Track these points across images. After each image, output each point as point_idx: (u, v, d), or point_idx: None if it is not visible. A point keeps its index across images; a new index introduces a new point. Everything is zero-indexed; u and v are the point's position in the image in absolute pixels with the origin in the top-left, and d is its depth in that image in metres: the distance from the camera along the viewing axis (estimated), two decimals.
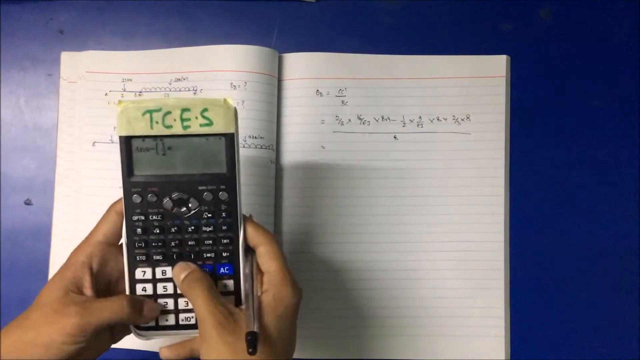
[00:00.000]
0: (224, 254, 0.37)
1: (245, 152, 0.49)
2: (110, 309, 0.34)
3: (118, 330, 0.38)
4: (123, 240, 0.36)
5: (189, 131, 0.34)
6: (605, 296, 0.51)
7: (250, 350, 0.31)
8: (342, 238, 0.50)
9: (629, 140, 0.52)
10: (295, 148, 0.51)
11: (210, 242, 0.36)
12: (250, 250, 0.38)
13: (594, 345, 0.50)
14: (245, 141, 0.49)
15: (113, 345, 0.49)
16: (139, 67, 0.51)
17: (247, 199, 0.49)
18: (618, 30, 0.52)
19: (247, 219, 0.37)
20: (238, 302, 0.37)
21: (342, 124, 0.51)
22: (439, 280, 0.50)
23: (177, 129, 0.34)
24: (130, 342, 0.49)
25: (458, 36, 0.52)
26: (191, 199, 0.36)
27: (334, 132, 0.51)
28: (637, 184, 0.51)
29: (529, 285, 0.51)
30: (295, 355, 0.49)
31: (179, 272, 0.36)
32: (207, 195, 0.36)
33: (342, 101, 0.51)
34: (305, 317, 0.50)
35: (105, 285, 0.37)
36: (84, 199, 0.50)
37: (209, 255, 0.37)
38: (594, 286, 0.51)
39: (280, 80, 0.51)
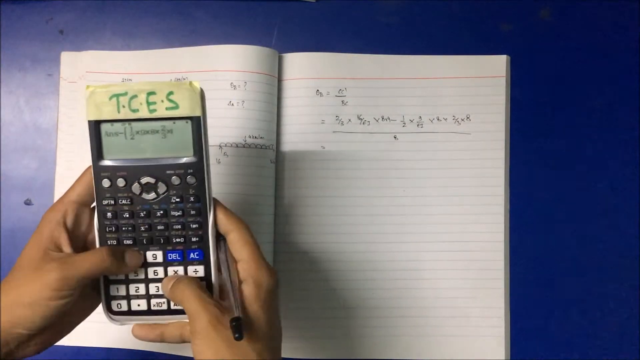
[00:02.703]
0: (194, 239, 0.37)
1: (245, 152, 0.49)
2: (91, 261, 0.34)
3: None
4: (95, 225, 0.36)
5: (155, 115, 0.34)
6: (605, 296, 0.50)
7: (236, 335, 0.31)
8: (341, 238, 0.50)
9: (629, 140, 0.51)
10: (295, 148, 0.51)
11: (180, 226, 0.36)
12: (222, 237, 0.37)
13: (594, 345, 0.50)
14: (245, 141, 0.49)
15: (111, 346, 0.49)
16: (139, 67, 0.51)
17: (247, 199, 0.49)
18: (618, 30, 0.52)
19: (218, 205, 0.37)
20: (209, 288, 0.37)
21: (342, 124, 0.51)
22: (439, 280, 0.50)
23: (144, 113, 0.34)
24: (127, 342, 0.49)
25: (458, 36, 0.52)
26: (159, 183, 0.36)
27: (334, 132, 0.51)
28: (638, 184, 0.51)
29: (529, 285, 0.51)
30: (290, 355, 0.49)
31: (167, 282, 0.36)
32: (174, 180, 0.36)
33: (342, 101, 0.51)
34: (305, 316, 0.50)
35: (82, 248, 0.37)
36: None
37: (178, 240, 0.37)
38: (594, 286, 0.51)
39: (280, 80, 0.51)
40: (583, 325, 0.50)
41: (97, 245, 0.36)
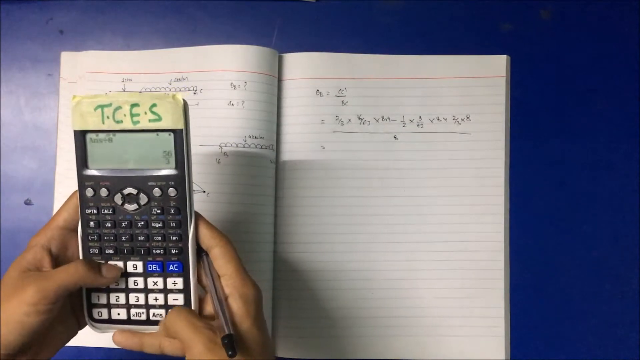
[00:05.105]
0: (173, 251, 0.37)
1: (245, 152, 0.49)
2: (67, 272, 0.34)
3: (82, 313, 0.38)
4: (78, 232, 0.37)
5: (138, 126, 0.35)
6: (605, 296, 0.51)
7: (230, 353, 0.31)
8: (341, 238, 0.50)
9: (629, 140, 0.52)
10: (295, 148, 0.51)
11: (160, 238, 0.37)
12: (204, 252, 0.38)
13: (594, 345, 0.50)
14: (245, 141, 0.49)
15: (111, 346, 0.49)
16: (139, 67, 0.51)
17: (247, 199, 0.49)
18: (618, 30, 0.52)
19: (201, 219, 0.37)
20: (187, 301, 0.38)
21: (342, 124, 0.51)
22: (439, 280, 0.50)
23: (127, 124, 0.35)
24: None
25: (458, 36, 0.52)
26: (141, 195, 0.36)
27: (334, 132, 0.51)
28: (638, 184, 0.51)
29: (529, 286, 0.51)
30: (290, 355, 0.49)
31: (161, 324, 0.37)
32: (156, 191, 0.36)
33: (342, 101, 0.51)
34: (304, 316, 0.50)
35: None
36: None
37: (158, 251, 0.37)
38: (594, 286, 0.51)
39: (280, 80, 0.51)
40: (583, 325, 0.50)
41: (80, 253, 0.37)
